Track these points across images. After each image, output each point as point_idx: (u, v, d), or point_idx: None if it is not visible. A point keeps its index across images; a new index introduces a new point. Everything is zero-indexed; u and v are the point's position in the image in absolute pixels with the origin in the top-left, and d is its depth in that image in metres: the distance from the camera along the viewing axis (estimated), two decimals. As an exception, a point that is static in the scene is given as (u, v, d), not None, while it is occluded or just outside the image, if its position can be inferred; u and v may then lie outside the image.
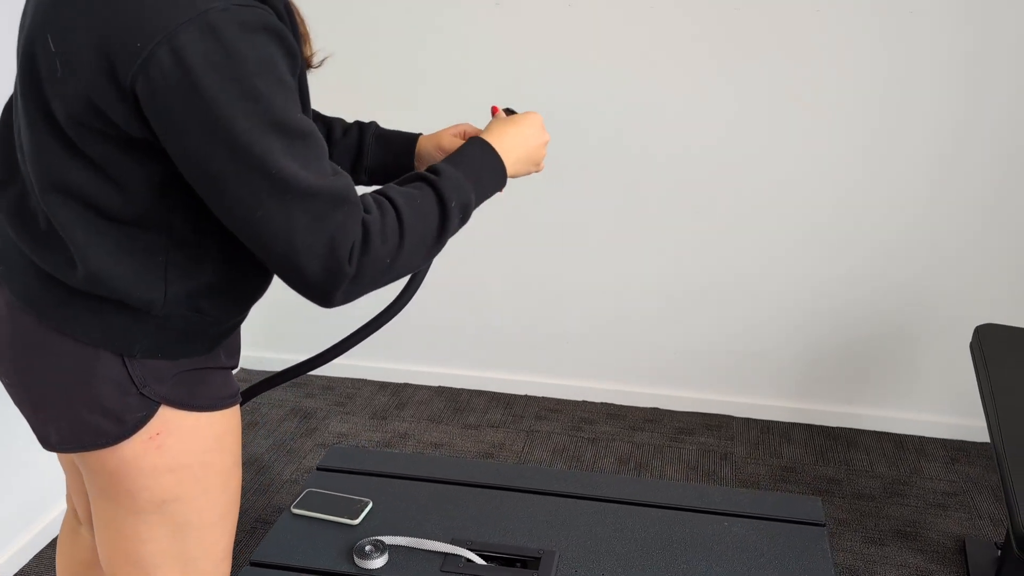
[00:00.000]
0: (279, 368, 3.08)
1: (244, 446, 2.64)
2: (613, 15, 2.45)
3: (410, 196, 1.06)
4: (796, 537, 1.67)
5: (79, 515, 1.46)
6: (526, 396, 2.92)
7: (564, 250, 2.74)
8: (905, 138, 2.43)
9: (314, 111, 1.37)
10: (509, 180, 1.21)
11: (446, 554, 1.60)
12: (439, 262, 2.80)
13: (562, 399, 2.91)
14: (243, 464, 2.54)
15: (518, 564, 1.60)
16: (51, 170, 1.00)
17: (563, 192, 2.65)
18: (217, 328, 1.15)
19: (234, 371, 1.26)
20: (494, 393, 2.94)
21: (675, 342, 2.78)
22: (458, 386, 2.97)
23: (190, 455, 1.14)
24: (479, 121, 2.59)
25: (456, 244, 2.73)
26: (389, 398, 2.91)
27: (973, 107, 2.37)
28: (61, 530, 1.53)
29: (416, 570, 1.57)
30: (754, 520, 1.72)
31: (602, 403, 2.88)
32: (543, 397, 2.92)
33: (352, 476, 1.85)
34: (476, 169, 1.14)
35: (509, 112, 1.31)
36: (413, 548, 1.62)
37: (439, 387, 2.98)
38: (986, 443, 2.67)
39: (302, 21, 1.07)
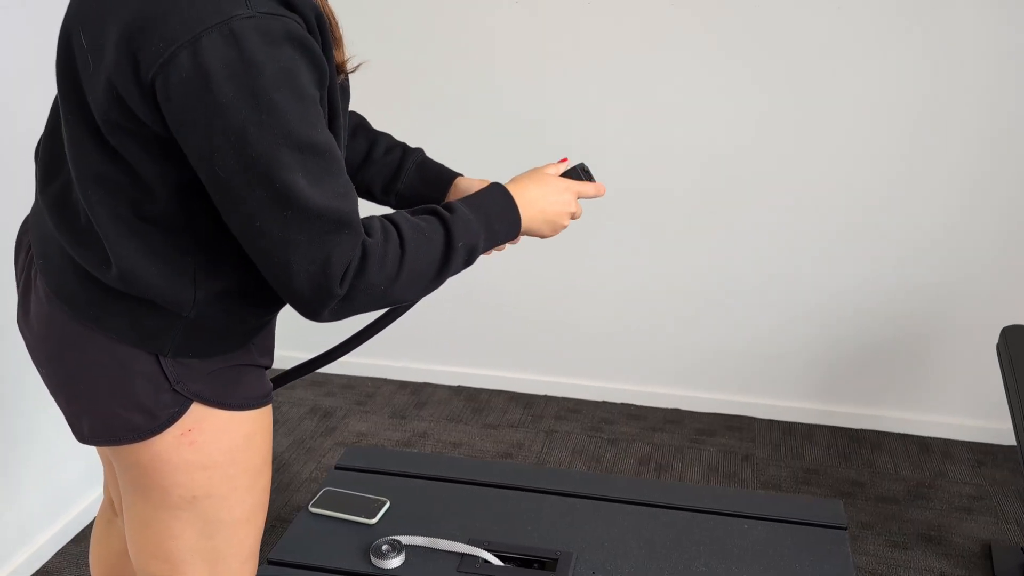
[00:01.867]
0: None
1: (264, 445, 2.65)
2: (636, 14, 2.43)
3: (418, 228, 1.05)
4: (817, 540, 1.65)
5: (115, 506, 1.47)
6: (545, 396, 2.92)
7: (585, 250, 2.73)
8: (932, 140, 2.40)
9: (361, 121, 1.36)
10: (523, 236, 1.21)
11: (463, 554, 1.59)
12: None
13: (581, 399, 2.89)
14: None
15: (535, 565, 1.59)
16: (89, 166, 1.02)
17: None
18: (246, 326, 1.15)
19: (267, 370, 1.26)
20: (513, 393, 2.93)
21: (696, 343, 2.76)
22: (477, 386, 2.97)
23: (221, 452, 1.15)
24: (499, 145, 2.60)
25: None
26: (408, 397, 2.91)
27: (999, 106, 2.33)
28: (96, 520, 1.55)
29: (433, 570, 1.56)
30: (774, 523, 1.70)
31: (622, 404, 2.87)
32: (562, 397, 2.91)
33: (370, 475, 1.85)
34: (491, 216, 1.13)
35: (582, 169, 1.29)
36: (430, 548, 1.61)
37: (458, 387, 2.97)
38: (1013, 446, 2.63)
39: (336, 26, 1.05)
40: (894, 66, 2.35)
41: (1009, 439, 2.64)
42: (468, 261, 1.11)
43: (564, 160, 1.31)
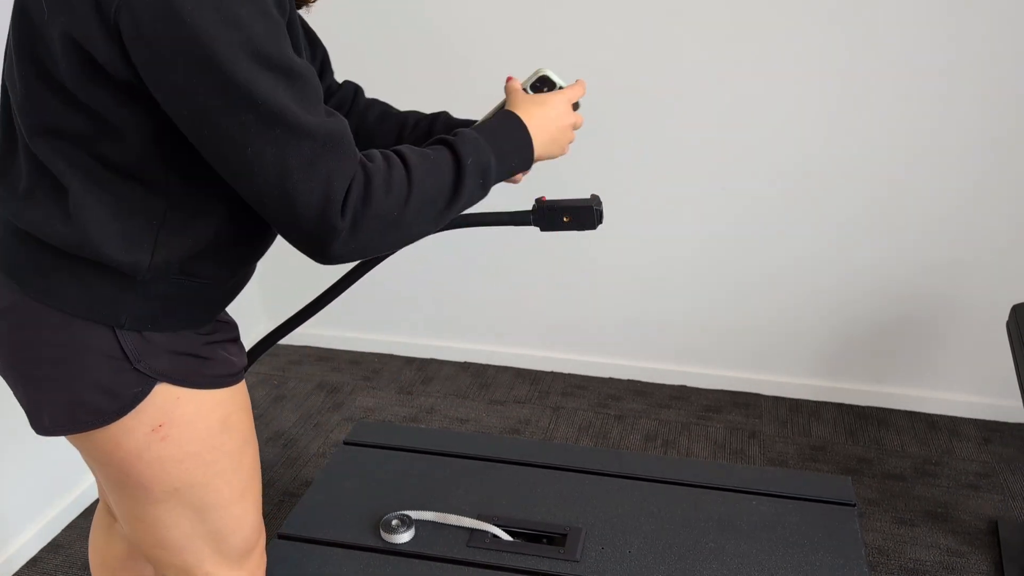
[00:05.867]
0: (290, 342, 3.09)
1: (271, 420, 2.66)
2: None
3: (422, 153, 1.01)
4: (826, 517, 1.65)
5: (112, 510, 1.44)
6: (552, 372, 2.92)
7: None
8: (941, 122, 2.37)
9: (386, 107, 1.32)
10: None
11: (472, 529, 1.60)
12: (469, 237, 2.80)
13: (588, 376, 2.89)
14: (270, 438, 2.56)
15: (544, 540, 1.60)
16: (45, 117, 0.97)
17: (593, 169, 2.62)
18: (204, 295, 1.10)
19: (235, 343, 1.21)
20: (519, 369, 2.94)
21: (702, 319, 2.75)
22: (484, 362, 2.97)
23: (196, 442, 1.12)
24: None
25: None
26: (415, 373, 2.91)
27: (1011, 86, 2.31)
28: (94, 524, 1.51)
29: (442, 545, 1.57)
30: (783, 500, 1.70)
31: (628, 380, 2.87)
32: (569, 374, 2.91)
33: (379, 451, 1.85)
34: (496, 133, 1.08)
35: (596, 204, 1.26)
36: (439, 523, 1.62)
37: (465, 362, 2.97)
38: (1020, 423, 2.63)
39: None
40: (902, 52, 2.32)
41: (1016, 416, 2.64)
42: (484, 186, 1.04)
43: (511, 79, 1.22)
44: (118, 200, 0.99)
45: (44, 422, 1.09)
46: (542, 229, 1.32)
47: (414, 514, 1.62)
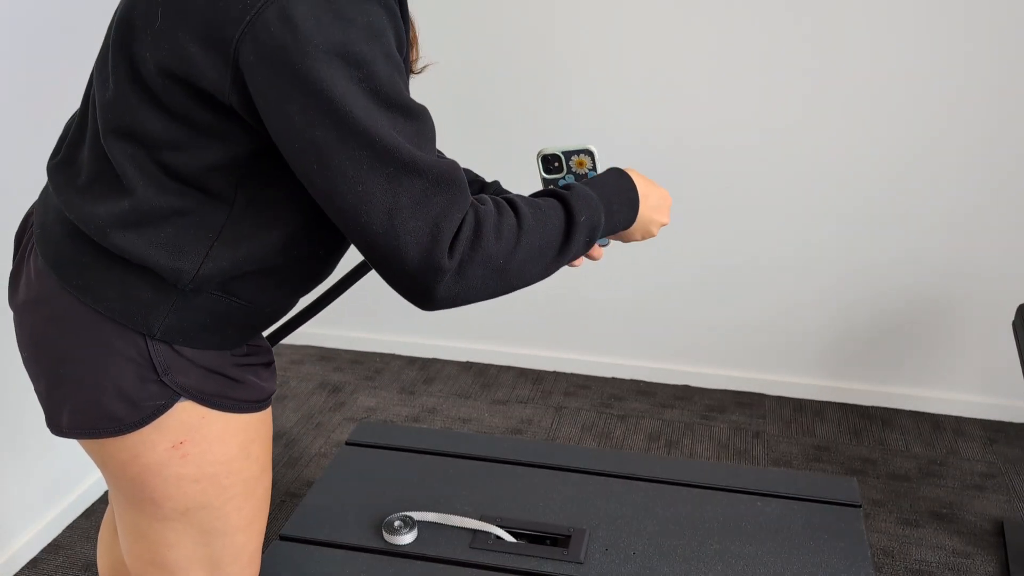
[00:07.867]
0: (303, 343, 3.09)
1: (273, 419, 2.65)
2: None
3: (534, 203, 1.00)
4: (831, 518, 1.64)
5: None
6: (554, 372, 2.91)
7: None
8: (948, 121, 2.36)
9: (470, 172, 1.32)
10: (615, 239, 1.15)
11: (475, 531, 1.59)
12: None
13: (591, 375, 2.88)
14: (272, 437, 2.55)
15: (548, 541, 1.59)
16: (127, 120, 0.96)
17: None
18: (241, 316, 1.09)
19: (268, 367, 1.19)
20: (522, 369, 2.93)
21: (706, 319, 2.74)
22: (486, 361, 2.96)
23: (215, 464, 1.10)
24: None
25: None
26: (417, 373, 2.90)
27: (1017, 85, 2.29)
28: (103, 529, 1.49)
29: (445, 546, 1.56)
30: (788, 500, 1.69)
31: (631, 380, 2.86)
32: (572, 373, 2.90)
33: (380, 451, 1.84)
34: (609, 193, 1.08)
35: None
36: (442, 524, 1.61)
37: (467, 362, 2.96)
38: (1025, 424, 2.62)
39: (413, 24, 1.03)
40: (909, 53, 2.31)
41: (1022, 416, 2.62)
42: (588, 243, 1.04)
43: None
44: (178, 209, 0.98)
45: (62, 422, 1.08)
46: None
47: (416, 515, 1.61)
